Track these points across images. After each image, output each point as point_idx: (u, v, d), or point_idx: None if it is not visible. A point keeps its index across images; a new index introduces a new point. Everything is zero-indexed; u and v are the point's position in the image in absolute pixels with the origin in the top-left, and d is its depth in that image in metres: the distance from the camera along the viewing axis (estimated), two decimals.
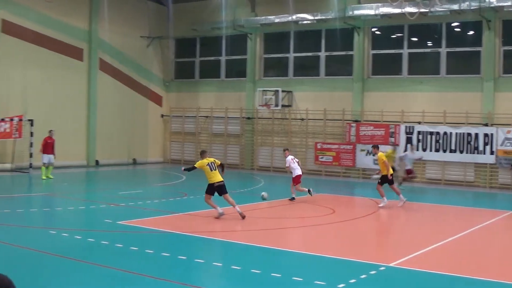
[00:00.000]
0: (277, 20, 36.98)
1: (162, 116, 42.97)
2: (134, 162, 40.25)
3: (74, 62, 36.69)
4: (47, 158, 28.75)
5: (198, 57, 42.61)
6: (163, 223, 17.88)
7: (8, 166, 32.18)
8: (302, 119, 36.84)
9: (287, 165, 24.25)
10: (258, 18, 38.13)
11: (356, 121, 34.80)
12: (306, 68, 38.17)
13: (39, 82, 34.34)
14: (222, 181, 18.94)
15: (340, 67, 36.77)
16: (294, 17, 36.19)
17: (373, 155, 29.83)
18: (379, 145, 25.02)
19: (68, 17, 36.23)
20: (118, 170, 36.03)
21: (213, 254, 13.76)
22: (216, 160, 19.28)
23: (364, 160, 34.27)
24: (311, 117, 36.61)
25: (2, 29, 32.74)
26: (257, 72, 39.38)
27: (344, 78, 36.07)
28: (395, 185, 23.69)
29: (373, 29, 35.74)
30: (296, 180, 23.77)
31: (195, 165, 19.09)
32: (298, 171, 23.87)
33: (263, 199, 22.68)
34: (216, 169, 18.86)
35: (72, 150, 35.35)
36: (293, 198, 23.51)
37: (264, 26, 38.38)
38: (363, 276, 11.55)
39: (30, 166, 31.66)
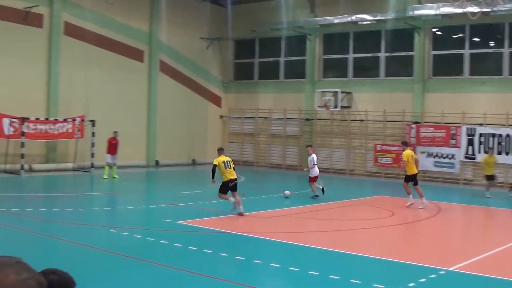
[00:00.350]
0: (336, 21, 36.77)
1: (221, 117, 43.19)
2: (193, 163, 40.55)
3: (135, 64, 37.17)
4: (110, 158, 29.20)
5: (257, 58, 42.69)
6: (221, 223, 17.97)
7: (70, 165, 32.75)
8: (362, 121, 36.56)
9: (314, 163, 24.03)
10: (317, 19, 37.99)
11: (416, 122, 34.37)
12: (366, 69, 37.87)
13: (100, 83, 34.88)
14: (237, 178, 19.30)
15: (400, 67, 36.37)
16: (353, 17, 35.94)
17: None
18: (407, 142, 24.77)
19: (129, 19, 36.73)
20: (178, 170, 36.35)
21: (271, 255, 13.75)
22: (231, 161, 19.54)
23: (424, 162, 33.76)
24: (370, 119, 36.31)
25: (65, 31, 33.36)
26: (316, 73, 39.25)
27: (404, 79, 35.67)
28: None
29: (434, 29, 35.26)
30: (314, 179, 23.87)
31: (214, 163, 19.22)
32: (317, 171, 24.05)
33: (286, 197, 22.84)
34: (231, 168, 19.13)
35: (132, 150, 35.78)
36: (317, 196, 23.75)
37: (323, 27, 38.22)
38: (422, 280, 11.40)
39: (92, 165, 32.18)
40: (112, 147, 29.27)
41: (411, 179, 22.67)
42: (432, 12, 33.19)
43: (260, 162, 40.90)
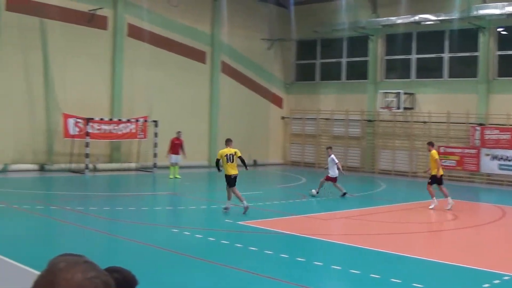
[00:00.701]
0: (399, 21, 36.39)
1: (283, 118, 43.19)
2: (255, 164, 40.64)
3: (197, 65, 37.47)
4: (174, 158, 29.53)
5: (319, 59, 42.55)
6: (282, 224, 17.97)
7: (133, 165, 33.20)
8: (425, 122, 36.09)
9: (336, 161, 24.27)
10: (380, 19, 37.66)
11: (480, 124, 33.76)
12: (429, 69, 37.38)
13: (163, 84, 35.26)
14: (237, 174, 19.46)
15: (464, 68, 35.77)
16: (416, 17, 35.52)
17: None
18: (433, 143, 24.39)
19: (191, 20, 37.04)
20: (239, 171, 36.45)
21: (332, 257, 13.69)
22: (238, 152, 19.88)
23: (489, 164, 33.13)
24: (434, 120, 35.81)
25: (128, 33, 33.86)
26: (378, 74, 38.92)
27: (468, 80, 35.07)
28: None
29: (499, 29, 34.60)
30: (334, 180, 24.01)
31: (217, 156, 19.81)
32: (337, 172, 24.16)
33: (312, 195, 23.07)
34: (233, 161, 19.43)
35: (194, 150, 36.04)
36: (345, 193, 23.90)
37: (385, 27, 37.87)
38: (485, 286, 11.19)
39: (154, 165, 32.56)
40: (175, 147, 29.59)
41: (438, 180, 22.22)
42: (497, 11, 32.54)
43: (322, 164, 40.70)
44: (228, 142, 19.91)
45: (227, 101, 38.72)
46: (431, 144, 23.37)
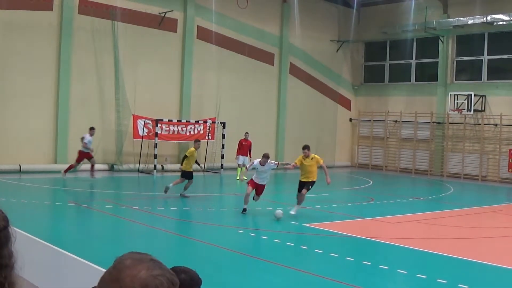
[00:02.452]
0: (470, 22, 35.76)
1: (351, 120, 42.95)
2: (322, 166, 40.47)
3: (265, 67, 37.58)
4: (241, 159, 29.67)
5: (388, 60, 42.16)
6: (348, 227, 17.86)
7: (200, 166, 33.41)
8: (496, 125, 35.37)
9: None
10: (451, 20, 37.07)
11: None
12: (501, 71, 36.62)
13: (231, 86, 35.48)
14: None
15: None
16: (488, 18, 34.85)
17: None
18: None
19: (260, 22, 37.17)
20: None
21: (398, 260, 13.54)
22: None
23: None
24: (505, 123, 35.07)
25: (198, 35, 34.20)
26: (448, 76, 38.32)
27: None
28: None
29: None
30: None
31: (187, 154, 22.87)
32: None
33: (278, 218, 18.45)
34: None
35: (261, 152, 35.96)
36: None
37: (456, 28, 37.25)
38: None
39: (222, 167, 32.76)
40: (243, 148, 29.74)
41: None
42: None
43: (389, 166, 40.37)
44: (196, 142, 23.41)
45: (295, 103, 38.71)
46: None
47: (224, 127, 33.00)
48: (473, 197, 27.91)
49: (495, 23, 34.91)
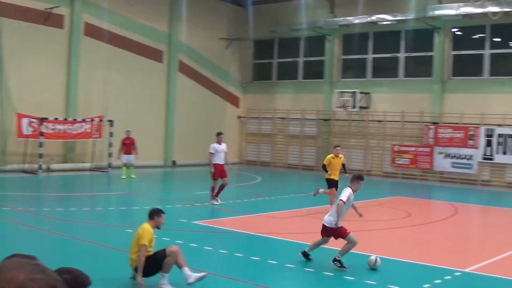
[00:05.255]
0: (356, 21, 36.67)
1: (239, 117, 43.22)
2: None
3: (154, 64, 37.28)
4: (125, 158, 29.27)
5: (276, 58, 42.69)
6: (237, 223, 17.99)
7: (87, 165, 32.84)
8: (380, 121, 36.45)
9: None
10: (337, 19, 37.88)
11: (434, 123, 34.22)
12: (385, 69, 37.76)
13: (119, 84, 35.00)
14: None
15: (419, 68, 36.22)
16: (373, 18, 35.84)
17: None
18: None
19: (149, 19, 36.84)
20: (195, 171, 36.44)
21: (286, 255, 13.73)
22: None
23: (441, 163, 33.64)
24: (389, 119, 36.19)
25: (85, 32, 33.52)
26: (334, 74, 39.19)
27: (423, 80, 35.53)
28: None
29: (454, 30, 35.09)
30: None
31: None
32: None
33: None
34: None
35: (150, 150, 35.82)
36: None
37: (342, 27, 38.11)
38: (437, 281, 11.36)
39: (109, 165, 32.31)
40: (126, 147, 29.30)
41: None
42: (453, 12, 32.97)
43: (277, 163, 40.91)
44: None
45: (184, 101, 38.59)
46: None
47: (112, 125, 32.52)
48: (359, 192, 28.59)
49: (379, 22, 35.93)
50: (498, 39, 33.86)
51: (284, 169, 39.44)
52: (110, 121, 32.63)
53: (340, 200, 12.27)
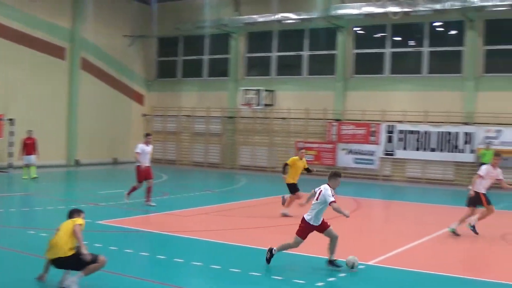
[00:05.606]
0: (260, 19, 36.95)
1: (144, 115, 42.84)
2: (115, 162, 40.12)
3: (56, 62, 36.48)
4: (26, 159, 28.45)
5: (181, 56, 42.53)
6: (143, 222, 17.84)
7: None
8: (284, 118, 36.86)
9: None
10: (242, 17, 38.05)
11: (337, 120, 34.88)
12: (289, 67, 38.20)
13: (20, 81, 34.10)
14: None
15: (323, 66, 36.82)
16: (277, 16, 36.17)
17: None
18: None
19: (51, 16, 36.03)
20: (99, 170, 35.92)
21: (192, 253, 13.71)
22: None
23: (344, 158, 34.37)
24: (293, 116, 36.64)
25: None
26: (239, 71, 39.38)
27: (326, 78, 36.15)
28: None
29: (356, 29, 35.85)
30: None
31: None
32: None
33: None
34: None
35: (52, 149, 35.09)
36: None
37: (247, 25, 38.31)
38: (342, 275, 11.59)
39: (10, 165, 31.47)
40: (27, 147, 28.46)
41: None
42: (355, 11, 33.70)
43: (183, 161, 40.81)
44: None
45: (87, 99, 37.94)
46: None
47: (12, 124, 31.68)
48: (264, 188, 28.86)
49: (284, 21, 36.30)
50: (399, 38, 34.82)
51: (190, 167, 39.39)
52: (10, 119, 31.78)
53: (332, 202, 12.17)
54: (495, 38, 32.30)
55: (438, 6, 31.32)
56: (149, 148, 21.16)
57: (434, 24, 33.77)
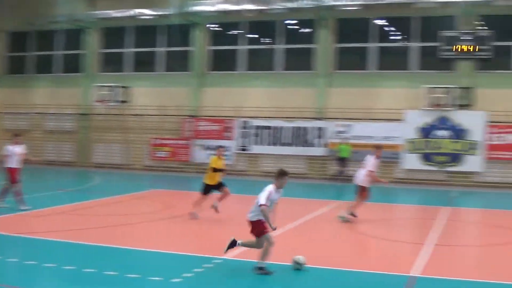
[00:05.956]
0: (115, 15, 36.56)
1: None
2: None
3: None
4: None
5: (33, 51, 41.28)
6: None
7: None
8: (139, 115, 36.63)
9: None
10: (96, 12, 37.49)
11: (193, 116, 35.05)
12: (145, 63, 38.00)
13: None
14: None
15: (179, 62, 36.91)
16: (133, 12, 35.89)
17: None
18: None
19: None
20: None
21: (46, 254, 13.39)
22: None
23: (200, 155, 34.61)
24: (149, 113, 36.47)
25: None
26: (94, 67, 38.74)
27: (182, 74, 36.26)
28: None
29: (212, 25, 36.16)
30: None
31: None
32: None
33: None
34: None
35: None
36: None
37: (102, 21, 37.76)
38: (198, 270, 11.68)
39: None
40: None
41: None
42: (210, 8, 34.03)
43: (35, 159, 39.57)
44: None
45: None
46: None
47: None
48: (119, 186, 28.62)
49: (139, 17, 36.05)
50: (254, 36, 35.46)
51: (42, 166, 38.32)
52: None
53: (262, 205, 11.86)
54: (346, 36, 33.57)
55: (292, 5, 32.18)
56: (18, 149, 20.47)
57: (288, 22, 34.62)
